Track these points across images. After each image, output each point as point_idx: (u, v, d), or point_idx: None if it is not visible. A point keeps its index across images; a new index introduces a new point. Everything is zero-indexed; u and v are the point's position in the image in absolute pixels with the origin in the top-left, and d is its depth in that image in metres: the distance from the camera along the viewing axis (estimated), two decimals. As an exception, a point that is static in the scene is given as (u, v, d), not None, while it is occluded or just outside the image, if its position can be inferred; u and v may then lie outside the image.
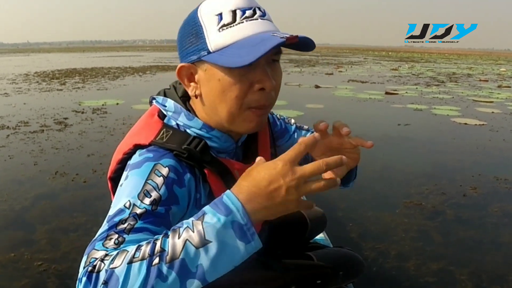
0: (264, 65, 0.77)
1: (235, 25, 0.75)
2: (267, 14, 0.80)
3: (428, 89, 11.39)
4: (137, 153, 0.81)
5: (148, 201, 0.70)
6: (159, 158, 0.77)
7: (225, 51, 0.74)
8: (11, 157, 4.11)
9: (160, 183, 0.73)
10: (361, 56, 42.12)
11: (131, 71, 16.45)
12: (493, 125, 6.30)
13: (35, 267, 2.11)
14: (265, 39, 0.72)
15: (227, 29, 0.75)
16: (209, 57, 0.77)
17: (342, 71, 18.52)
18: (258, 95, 0.78)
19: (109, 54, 43.31)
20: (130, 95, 8.96)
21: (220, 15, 0.76)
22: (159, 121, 0.86)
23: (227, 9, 0.76)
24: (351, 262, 1.20)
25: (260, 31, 0.75)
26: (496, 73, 20.16)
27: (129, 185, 0.74)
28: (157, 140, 0.81)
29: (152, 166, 0.75)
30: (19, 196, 3.07)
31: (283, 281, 1.01)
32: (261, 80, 0.77)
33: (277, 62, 0.82)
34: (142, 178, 0.74)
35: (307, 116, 6.62)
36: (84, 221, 2.65)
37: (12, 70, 17.91)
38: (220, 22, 0.76)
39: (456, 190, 3.38)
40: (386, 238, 2.53)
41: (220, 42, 0.75)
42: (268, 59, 0.78)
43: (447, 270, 2.18)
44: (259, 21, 0.77)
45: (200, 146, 0.80)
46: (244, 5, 0.77)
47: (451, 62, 34.27)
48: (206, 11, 0.78)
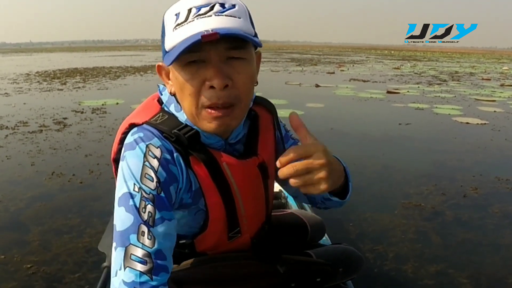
0: (217, 62, 0.75)
1: (186, 24, 0.74)
2: (231, 8, 0.76)
3: (430, 88, 11.33)
4: (130, 133, 0.83)
5: (152, 185, 0.75)
6: (150, 138, 0.79)
7: (173, 51, 0.74)
8: (9, 157, 4.10)
9: (156, 166, 0.77)
10: (363, 55, 42.04)
11: (132, 71, 16.46)
12: (495, 124, 6.25)
13: (24, 270, 2.09)
14: (191, 38, 0.70)
15: (179, 28, 0.74)
16: (164, 57, 0.79)
17: (344, 70, 18.48)
18: (209, 93, 0.76)
19: (111, 53, 43.39)
20: (130, 94, 8.94)
21: (177, 14, 0.76)
22: (157, 105, 0.89)
23: (184, 7, 0.75)
24: (351, 259, 1.18)
25: (203, 29, 0.71)
26: (498, 72, 20.07)
27: (129, 167, 0.77)
28: (151, 121, 0.84)
29: (145, 147, 0.78)
30: (14, 197, 3.05)
31: (283, 278, 1.00)
32: (210, 78, 0.75)
33: (241, 59, 0.77)
34: (140, 161, 0.77)
35: (308, 116, 6.59)
36: (78, 222, 2.63)
37: (14, 69, 17.95)
38: (176, 21, 0.76)
39: (456, 190, 3.34)
40: (385, 239, 2.50)
41: (171, 41, 0.75)
42: (222, 56, 0.75)
43: (445, 272, 2.15)
44: (211, 18, 0.73)
45: (190, 134, 0.81)
46: (202, 2, 0.75)
47: (454, 60, 34.16)
48: (169, 11, 0.78)
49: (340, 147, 4.80)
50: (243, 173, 0.89)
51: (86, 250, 2.28)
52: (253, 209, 0.95)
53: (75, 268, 2.10)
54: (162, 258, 0.73)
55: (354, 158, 4.26)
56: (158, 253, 0.73)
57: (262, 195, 0.97)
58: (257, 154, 0.93)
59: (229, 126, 0.82)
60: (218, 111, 0.78)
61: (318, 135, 0.73)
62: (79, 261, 2.17)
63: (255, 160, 0.92)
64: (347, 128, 5.83)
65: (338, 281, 1.17)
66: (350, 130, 5.73)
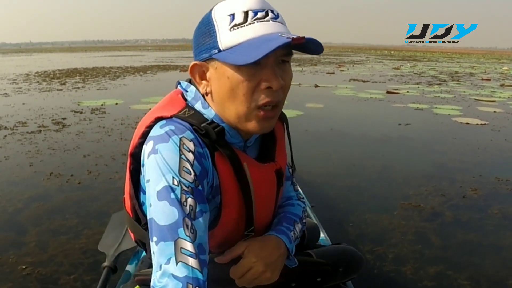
0: (272, 65, 0.79)
1: (246, 26, 0.77)
2: (280, 17, 0.82)
3: (429, 88, 11.33)
4: (157, 125, 0.82)
5: (190, 178, 0.76)
6: (183, 131, 0.80)
7: (234, 50, 0.77)
8: (7, 158, 4.08)
9: (191, 159, 0.78)
10: (363, 55, 42.06)
11: (132, 71, 16.45)
12: (495, 124, 6.23)
13: (19, 271, 2.08)
14: (271, 39, 0.74)
15: (238, 29, 0.77)
16: (219, 55, 0.79)
17: (344, 70, 18.48)
18: (265, 93, 0.80)
19: (111, 53, 43.39)
20: (129, 95, 8.92)
21: (232, 15, 0.78)
22: (183, 100, 0.90)
23: (239, 10, 0.78)
24: (351, 258, 1.18)
25: (269, 32, 0.77)
26: (498, 72, 20.07)
27: (165, 160, 0.76)
28: (179, 114, 0.84)
29: (179, 140, 0.78)
30: (12, 197, 3.03)
31: (284, 277, 1.00)
32: (268, 79, 0.78)
33: (287, 63, 0.84)
34: (176, 154, 0.77)
35: (307, 116, 6.59)
36: (76, 223, 2.61)
37: (14, 70, 17.93)
38: (232, 22, 0.78)
39: (455, 191, 3.33)
40: (384, 240, 2.48)
41: (230, 41, 0.77)
42: (277, 59, 0.80)
43: (445, 274, 2.13)
44: (270, 23, 0.78)
45: (217, 129, 0.83)
46: (257, 7, 0.79)
47: (454, 61, 34.15)
48: (219, 12, 0.80)
49: (340, 147, 4.80)
50: (261, 176, 0.92)
51: (83, 251, 2.26)
52: (264, 213, 0.97)
53: (71, 270, 2.08)
54: (203, 252, 0.74)
55: (353, 159, 4.26)
56: (200, 247, 0.73)
57: (273, 200, 1.00)
58: (275, 160, 0.97)
59: (271, 127, 0.87)
60: (270, 112, 0.82)
61: (317, 135, 0.74)
62: (75, 262, 2.15)
63: (273, 166, 0.96)
64: (346, 129, 5.82)
65: (338, 281, 1.17)
66: (349, 130, 5.72)
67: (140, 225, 0.94)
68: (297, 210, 1.09)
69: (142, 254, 1.47)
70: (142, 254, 1.47)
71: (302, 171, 3.46)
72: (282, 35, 0.75)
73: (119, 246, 1.44)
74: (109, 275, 1.35)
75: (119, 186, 3.24)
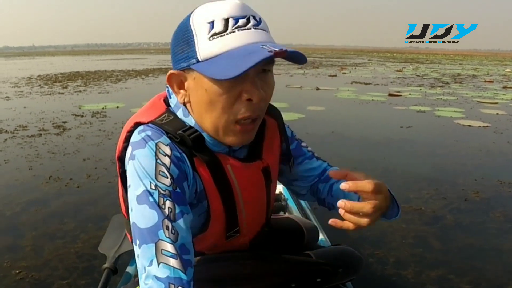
0: (253, 76, 0.76)
1: (226, 35, 0.73)
2: (262, 22, 0.78)
3: (432, 90, 11.29)
4: (136, 131, 0.83)
5: (167, 181, 0.76)
6: (159, 136, 0.80)
7: (213, 61, 0.74)
8: (7, 161, 4.08)
9: (168, 163, 0.77)
10: (365, 58, 42.06)
11: (134, 74, 16.49)
12: (497, 127, 6.19)
13: (13, 275, 2.06)
14: (253, 51, 0.71)
15: (217, 38, 0.74)
16: (197, 66, 0.76)
17: (346, 72, 18.46)
18: (245, 106, 0.77)
19: (114, 57, 43.56)
20: (131, 98, 8.95)
21: (212, 23, 0.74)
22: (164, 105, 0.89)
23: (219, 17, 0.74)
24: (350, 259, 1.18)
25: (250, 41, 0.74)
26: (501, 74, 20.00)
27: (142, 165, 0.77)
28: (156, 121, 0.84)
29: (155, 145, 0.78)
30: (10, 201, 3.03)
31: (284, 277, 1.01)
32: (249, 91, 0.76)
33: (269, 72, 0.81)
34: (152, 159, 0.77)
35: (308, 119, 6.57)
36: (73, 227, 2.60)
37: (16, 73, 18.03)
38: (211, 30, 0.74)
39: (457, 194, 3.30)
40: (385, 243, 2.46)
41: (210, 51, 0.74)
42: (258, 69, 0.77)
43: (446, 278, 2.11)
44: (252, 31, 0.75)
45: (194, 135, 0.82)
46: (238, 13, 0.75)
47: (456, 63, 34.10)
48: (198, 18, 0.76)
49: (341, 150, 4.77)
50: (247, 176, 0.91)
51: (78, 255, 2.25)
52: (254, 212, 0.96)
53: (65, 274, 2.07)
54: (186, 252, 0.74)
55: (354, 162, 4.22)
56: (182, 248, 0.73)
57: (264, 198, 0.98)
58: (262, 158, 0.95)
59: (250, 139, 0.85)
60: (248, 125, 0.81)
61: (318, 138, 0.73)
62: (70, 266, 2.14)
63: (259, 164, 0.94)
64: (347, 131, 5.79)
65: (338, 282, 1.17)
66: (350, 133, 5.69)
67: None
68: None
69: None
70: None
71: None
72: (264, 46, 0.72)
73: (120, 248, 1.45)
74: (110, 276, 1.36)
75: (118, 190, 3.22)
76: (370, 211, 0.78)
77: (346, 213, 0.79)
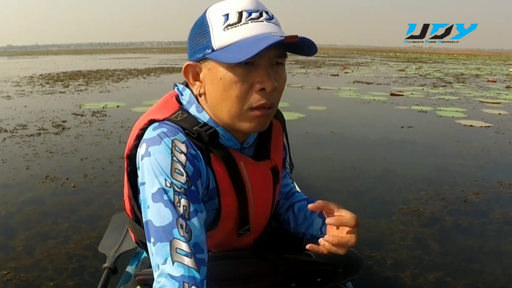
0: (266, 66, 0.79)
1: (240, 25, 0.77)
2: (274, 18, 0.82)
3: (434, 90, 11.24)
4: (150, 128, 0.83)
5: (183, 179, 0.77)
6: (175, 133, 0.81)
7: (227, 49, 0.77)
8: (4, 161, 4.08)
9: (183, 160, 0.78)
10: (368, 57, 41.97)
11: (136, 73, 16.49)
12: (499, 127, 6.14)
13: (1, 276, 2.04)
14: (264, 38, 0.74)
15: (231, 29, 0.77)
16: (212, 55, 0.79)
17: (348, 72, 18.41)
18: (259, 94, 0.80)
19: (116, 56, 43.65)
20: (131, 97, 8.92)
21: (226, 15, 0.79)
22: (176, 103, 0.91)
23: (234, 10, 0.79)
24: (350, 259, 1.16)
25: (262, 32, 0.77)
26: (505, 74, 19.91)
27: (157, 162, 0.77)
28: (171, 118, 0.85)
29: (171, 143, 0.79)
30: (6, 201, 3.01)
31: (284, 277, 1.02)
32: (261, 81, 0.79)
33: (282, 65, 0.84)
34: (168, 156, 0.78)
35: (308, 118, 6.54)
36: (66, 228, 2.58)
37: (18, 72, 18.07)
38: (226, 21, 0.78)
39: (457, 195, 3.26)
40: (383, 245, 2.43)
41: (224, 40, 0.77)
42: (271, 61, 0.80)
43: (444, 281, 2.08)
44: (264, 23, 0.79)
45: (210, 131, 0.83)
46: (251, 7, 0.79)
47: (459, 62, 33.99)
48: (214, 12, 0.80)
49: (341, 150, 4.74)
50: (258, 175, 0.93)
51: (69, 256, 2.22)
52: (261, 210, 0.98)
53: (54, 275, 2.05)
54: (200, 251, 0.74)
55: (354, 162, 4.19)
56: (196, 246, 0.74)
57: (270, 198, 1.00)
58: (270, 158, 0.97)
59: (265, 126, 0.87)
60: (264, 111, 0.82)
61: (318, 138, 0.70)
62: (59, 267, 2.11)
63: (269, 163, 0.96)
64: (348, 131, 5.76)
65: (338, 282, 1.16)
66: (351, 133, 5.65)
67: (140, 225, 0.94)
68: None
69: (143, 255, 1.46)
70: (142, 255, 1.47)
71: (301, 174, 3.41)
72: (276, 34, 0.75)
73: (120, 247, 1.46)
74: (110, 276, 1.37)
75: (114, 190, 3.21)
76: (355, 243, 0.88)
77: (332, 246, 0.87)
